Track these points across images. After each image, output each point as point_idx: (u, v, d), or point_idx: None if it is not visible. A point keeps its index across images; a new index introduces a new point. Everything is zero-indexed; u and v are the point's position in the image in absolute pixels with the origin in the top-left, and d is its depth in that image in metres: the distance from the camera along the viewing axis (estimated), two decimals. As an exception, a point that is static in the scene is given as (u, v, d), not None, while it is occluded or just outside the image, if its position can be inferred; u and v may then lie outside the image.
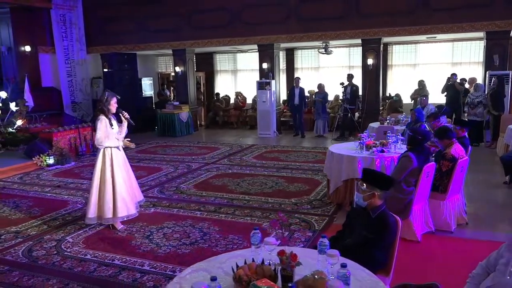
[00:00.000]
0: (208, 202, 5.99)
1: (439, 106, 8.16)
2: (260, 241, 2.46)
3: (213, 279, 1.92)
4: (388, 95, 12.62)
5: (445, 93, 10.62)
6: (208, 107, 14.94)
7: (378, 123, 8.50)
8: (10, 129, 10.09)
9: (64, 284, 3.74)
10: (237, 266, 2.27)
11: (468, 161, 4.75)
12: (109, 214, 4.84)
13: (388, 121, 8.18)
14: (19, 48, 12.32)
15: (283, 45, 12.56)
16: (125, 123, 5.05)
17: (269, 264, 2.26)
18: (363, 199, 2.89)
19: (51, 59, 13.11)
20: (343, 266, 2.01)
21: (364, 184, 2.89)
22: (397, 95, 11.84)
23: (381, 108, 11.42)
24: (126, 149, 5.20)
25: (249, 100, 14.11)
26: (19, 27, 12.23)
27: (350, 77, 10.73)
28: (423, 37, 11.26)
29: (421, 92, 11.10)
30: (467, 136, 5.35)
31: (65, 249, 4.52)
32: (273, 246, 2.38)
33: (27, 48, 12.52)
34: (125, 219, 5.01)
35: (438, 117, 6.01)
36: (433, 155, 5.03)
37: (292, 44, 12.56)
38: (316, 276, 2.07)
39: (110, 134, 4.84)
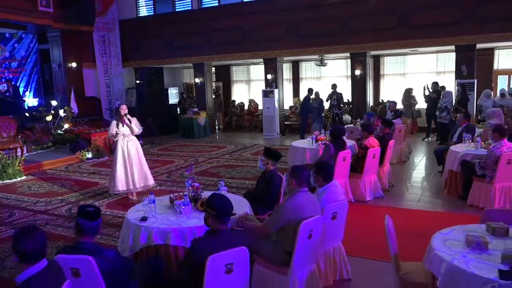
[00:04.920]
0: (200, 183, 7.91)
1: (395, 110, 9.75)
2: (190, 185, 4.36)
3: (151, 193, 3.83)
4: (381, 101, 14.14)
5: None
6: (225, 112, 16.97)
7: (352, 124, 10.15)
8: (59, 131, 12.50)
9: (89, 225, 5.79)
10: (173, 195, 4.19)
11: (379, 150, 6.42)
12: (120, 187, 6.77)
13: (358, 123, 9.81)
14: (67, 65, 14.77)
15: (288, 58, 14.37)
16: (133, 122, 6.84)
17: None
18: (263, 165, 4.72)
19: (93, 73, 15.56)
20: (218, 189, 3.87)
21: (263, 156, 4.72)
22: (389, 101, 13.34)
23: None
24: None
25: (260, 107, 15.96)
26: (67, 47, 14.68)
27: (334, 86, 12.41)
28: (408, 50, 12.73)
29: (408, 99, 12.64)
30: (389, 132, 7.02)
31: (93, 208, 6.59)
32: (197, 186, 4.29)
33: (74, 64, 14.97)
34: (132, 191, 6.95)
35: (377, 118, 7.69)
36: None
37: (294, 57, 14.35)
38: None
39: (117, 132, 6.62)
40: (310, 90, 13.00)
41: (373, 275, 4.11)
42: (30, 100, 15.63)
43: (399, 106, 12.84)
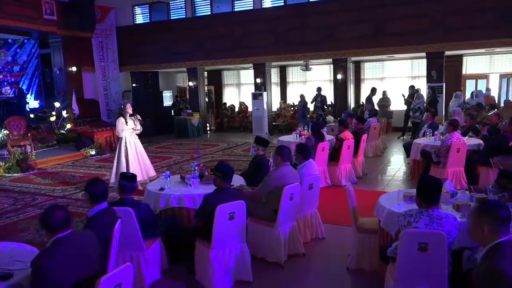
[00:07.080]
0: (197, 174, 8.93)
1: (371, 110, 10.91)
2: (196, 165, 5.39)
3: (166, 170, 4.84)
4: (361, 103, 15.30)
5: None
6: (216, 114, 18.00)
7: (334, 123, 11.27)
8: (62, 131, 13.38)
9: (106, 206, 6.76)
10: (184, 174, 5.21)
11: (353, 142, 7.51)
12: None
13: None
14: (68, 69, 15.63)
15: (276, 63, 15.47)
16: (137, 121, 7.82)
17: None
18: (254, 151, 5.77)
19: (91, 77, 16.46)
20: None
21: (255, 144, 5.77)
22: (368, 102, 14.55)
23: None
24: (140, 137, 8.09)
25: (250, 108, 17.03)
26: (68, 52, 15.54)
27: (318, 89, 13.54)
28: (385, 56, 13.93)
29: (383, 100, 13.86)
30: (363, 128, 8.13)
31: (105, 194, 7.54)
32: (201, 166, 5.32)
33: (74, 69, 15.84)
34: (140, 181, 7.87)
35: (353, 117, 8.82)
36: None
37: (281, 62, 15.46)
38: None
39: (125, 128, 7.47)
40: (373, 90, 13.47)
41: (343, 235, 5.16)
42: (32, 102, 16.45)
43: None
